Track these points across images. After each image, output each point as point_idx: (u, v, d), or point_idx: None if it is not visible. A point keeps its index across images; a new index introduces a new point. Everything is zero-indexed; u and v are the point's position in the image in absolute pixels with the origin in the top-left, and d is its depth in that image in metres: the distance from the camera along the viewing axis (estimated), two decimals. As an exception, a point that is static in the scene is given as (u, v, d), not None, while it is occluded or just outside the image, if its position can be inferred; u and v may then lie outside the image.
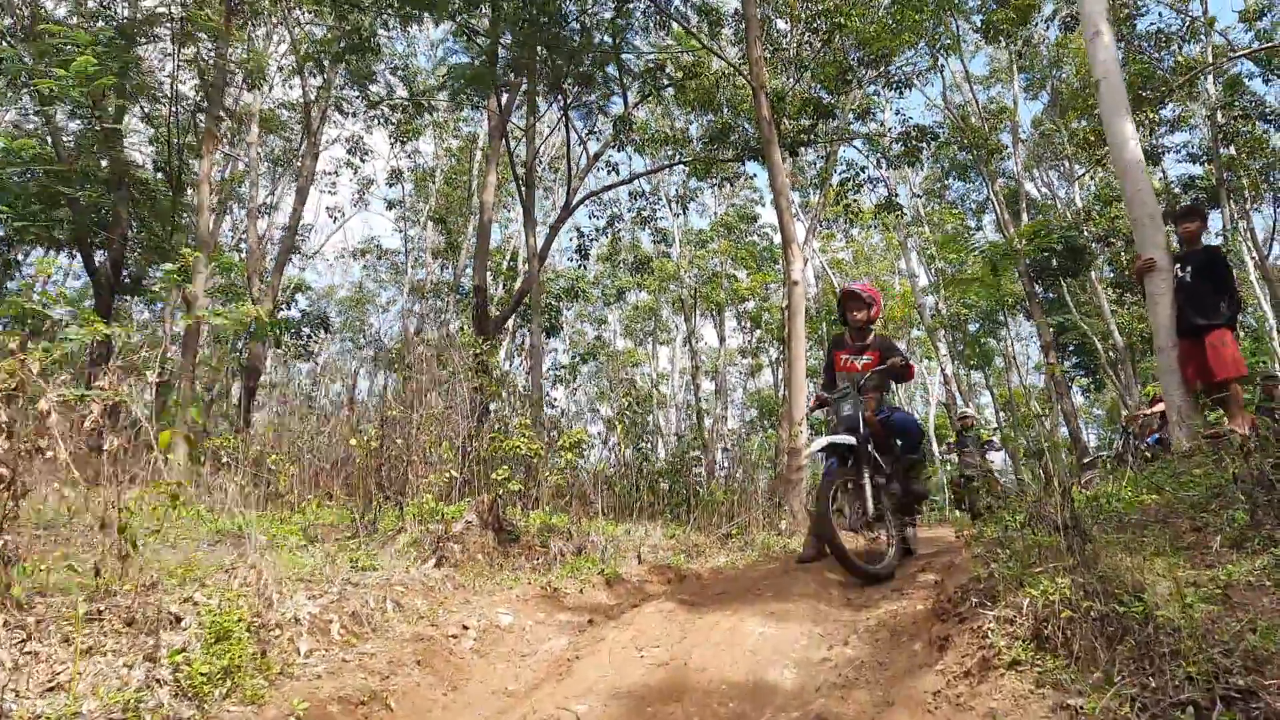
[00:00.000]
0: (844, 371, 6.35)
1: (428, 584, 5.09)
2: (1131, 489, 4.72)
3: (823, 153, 21.88)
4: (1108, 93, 6.51)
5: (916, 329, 33.94)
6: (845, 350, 6.47)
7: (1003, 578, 3.34)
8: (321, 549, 5.32)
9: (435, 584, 5.15)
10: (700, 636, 4.13)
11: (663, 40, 19.45)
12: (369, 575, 4.94)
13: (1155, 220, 6.31)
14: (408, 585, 4.95)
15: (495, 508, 7.30)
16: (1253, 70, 19.21)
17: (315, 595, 4.41)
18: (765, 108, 12.73)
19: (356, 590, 4.62)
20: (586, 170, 19.33)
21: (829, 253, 33.96)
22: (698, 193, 30.02)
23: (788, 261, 12.34)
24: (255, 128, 22.70)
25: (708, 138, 19.17)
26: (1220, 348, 5.93)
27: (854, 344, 6.44)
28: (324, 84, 20.69)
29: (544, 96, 18.33)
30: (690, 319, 32.22)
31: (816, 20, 17.48)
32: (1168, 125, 22.10)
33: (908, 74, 19.40)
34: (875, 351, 6.26)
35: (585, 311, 36.77)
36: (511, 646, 4.49)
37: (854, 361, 6.31)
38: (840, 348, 6.55)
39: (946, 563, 5.01)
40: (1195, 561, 3.30)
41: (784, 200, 12.36)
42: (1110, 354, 26.25)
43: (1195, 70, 17.31)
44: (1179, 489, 4.48)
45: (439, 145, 30.29)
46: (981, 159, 21.50)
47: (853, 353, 6.39)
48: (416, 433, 8.14)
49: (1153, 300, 6.25)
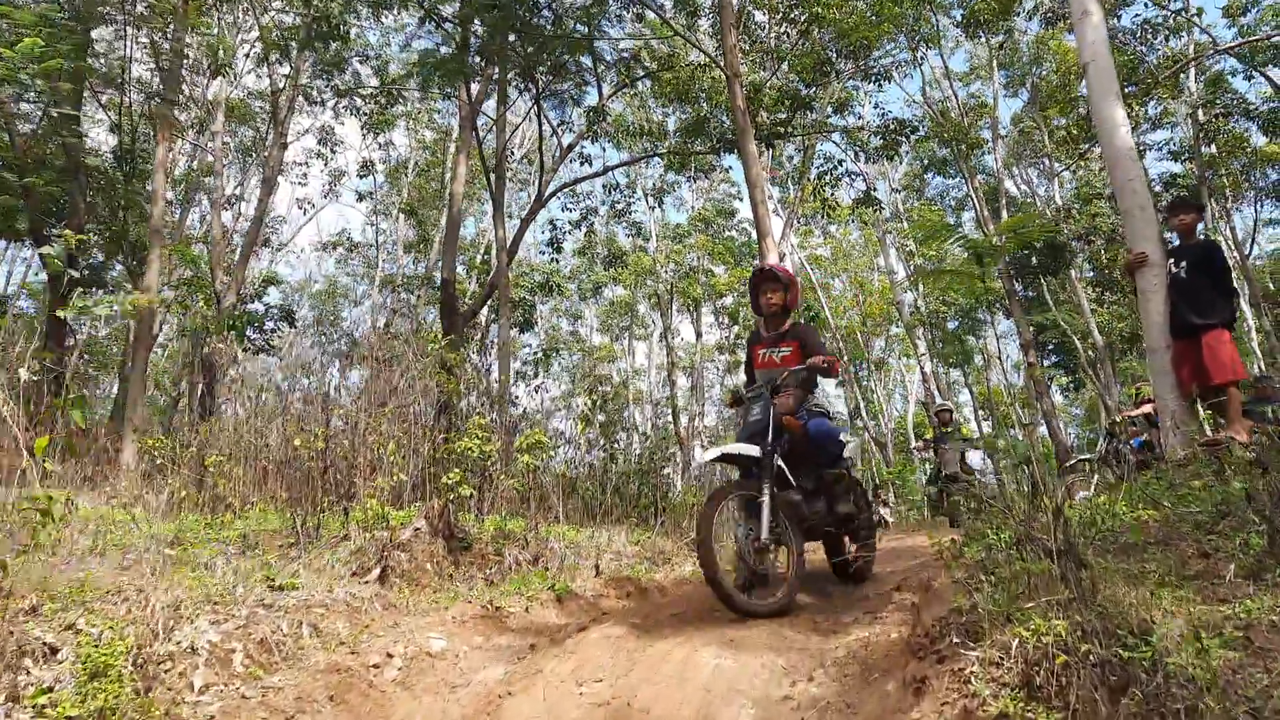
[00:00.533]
0: (763, 368, 5.54)
1: (353, 604, 4.61)
2: (1127, 503, 4.30)
3: (801, 147, 21.48)
4: (1096, 76, 6.10)
5: (895, 326, 33.67)
6: (762, 343, 5.68)
7: (987, 611, 2.91)
8: (232, 566, 4.83)
9: (362, 604, 4.67)
10: (649, 669, 3.68)
11: (639, 30, 19.00)
12: (287, 595, 4.45)
13: (1147, 212, 5.90)
14: (330, 606, 4.47)
15: (446, 514, 6.85)
16: (1236, 67, 18.97)
17: (220, 620, 3.93)
18: (740, 97, 12.32)
19: (269, 613, 4.14)
20: (559, 162, 18.84)
21: (808, 248, 33.64)
22: (675, 186, 29.66)
23: (762, 256, 11.93)
24: (221, 117, 22.05)
25: (684, 130, 18.76)
26: (1217, 349, 5.52)
27: (770, 334, 5.66)
28: (292, 72, 20.13)
29: (515, 85, 17.84)
30: (667, 314, 31.80)
31: (794, 11, 17.09)
32: (1149, 122, 21.85)
33: (887, 67, 19.05)
34: (794, 342, 5.48)
35: (561, 306, 36.30)
36: (441, 676, 4.03)
37: (772, 355, 5.53)
38: (757, 341, 5.76)
39: (924, 580, 4.58)
40: (1207, 595, 2.88)
41: (758, 192, 11.94)
42: (1090, 353, 26.04)
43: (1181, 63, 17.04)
44: (1178, 503, 4.08)
45: (412, 137, 29.76)
46: (961, 154, 21.18)
47: (769, 344, 5.60)
48: (365, 433, 7.66)
49: (1144, 297, 5.84)
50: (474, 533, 7.06)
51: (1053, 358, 29.73)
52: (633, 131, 21.33)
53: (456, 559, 6.75)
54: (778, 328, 5.61)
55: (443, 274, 16.70)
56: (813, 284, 31.43)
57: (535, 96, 17.17)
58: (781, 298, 5.57)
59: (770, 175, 22.64)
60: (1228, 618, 2.60)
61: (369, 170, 26.59)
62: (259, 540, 6.77)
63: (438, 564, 6.62)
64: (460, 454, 7.28)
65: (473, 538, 6.96)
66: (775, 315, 5.62)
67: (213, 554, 6.40)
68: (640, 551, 8.03)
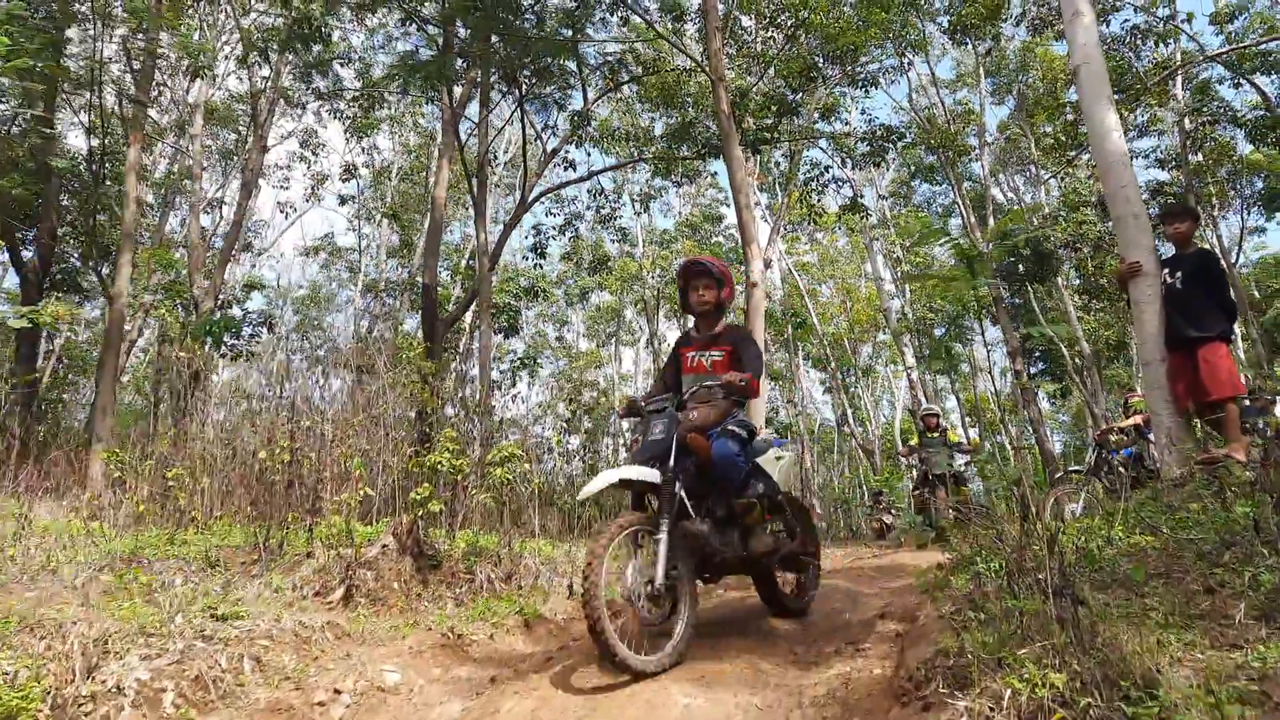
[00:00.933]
0: (692, 373, 4.89)
1: (302, 634, 4.33)
2: (1122, 526, 4.07)
3: (788, 153, 21.30)
4: (1088, 79, 5.87)
5: (883, 332, 33.52)
6: (691, 345, 5.00)
7: (976, 655, 2.66)
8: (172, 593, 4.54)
9: (312, 633, 4.39)
10: (614, 709, 3.43)
11: (624, 34, 18.78)
12: (229, 626, 4.17)
13: (1140, 220, 5.66)
14: (276, 637, 4.19)
15: (415, 530, 6.57)
16: (1223, 75, 18.89)
17: (152, 654, 3.66)
18: (724, 101, 12.12)
19: (209, 646, 3.87)
20: (543, 167, 18.61)
21: (795, 255, 33.49)
22: (662, 192, 29.42)
23: (746, 261, 11.71)
24: (200, 119, 21.75)
25: (669, 135, 18.55)
26: (1214, 362, 5.28)
27: (701, 335, 4.99)
28: (272, 74, 19.85)
29: (498, 89, 17.60)
30: (653, 320, 31.56)
31: (781, 16, 16.91)
32: (1136, 129, 21.75)
33: (873, 73, 18.88)
34: (727, 347, 4.83)
35: (547, 312, 36.03)
36: (393, 714, 3.77)
37: (701, 359, 4.88)
38: (686, 343, 5.08)
39: (909, 608, 4.34)
40: (1215, 638, 2.64)
41: (743, 197, 11.72)
42: (1076, 360, 25.92)
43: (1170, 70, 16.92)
44: (1178, 528, 3.84)
45: (396, 141, 29.50)
46: (948, 161, 21.04)
47: (700, 347, 4.93)
48: (332, 444, 7.38)
49: (1138, 308, 5.60)
50: (444, 550, 6.79)
51: (1039, 365, 29.60)
52: (619, 136, 21.13)
53: (425, 577, 6.49)
54: (710, 329, 4.97)
55: (424, 279, 16.43)
56: (800, 290, 31.27)
57: (518, 100, 16.93)
58: (715, 295, 4.91)
59: (757, 181, 22.44)
60: (1240, 666, 2.37)
61: (352, 174, 26.29)
62: (221, 557, 6.52)
63: (405, 583, 6.35)
64: (430, 468, 7.01)
65: (443, 555, 6.69)
66: (707, 314, 4.97)
67: (170, 572, 6.17)
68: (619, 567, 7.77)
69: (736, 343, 4.86)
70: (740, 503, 4.53)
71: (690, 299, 4.97)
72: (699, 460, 4.32)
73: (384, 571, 6.25)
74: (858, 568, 7.69)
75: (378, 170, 28.97)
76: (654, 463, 4.17)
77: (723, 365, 4.74)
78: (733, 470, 4.39)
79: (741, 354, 4.76)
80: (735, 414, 4.61)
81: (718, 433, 4.43)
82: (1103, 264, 21.72)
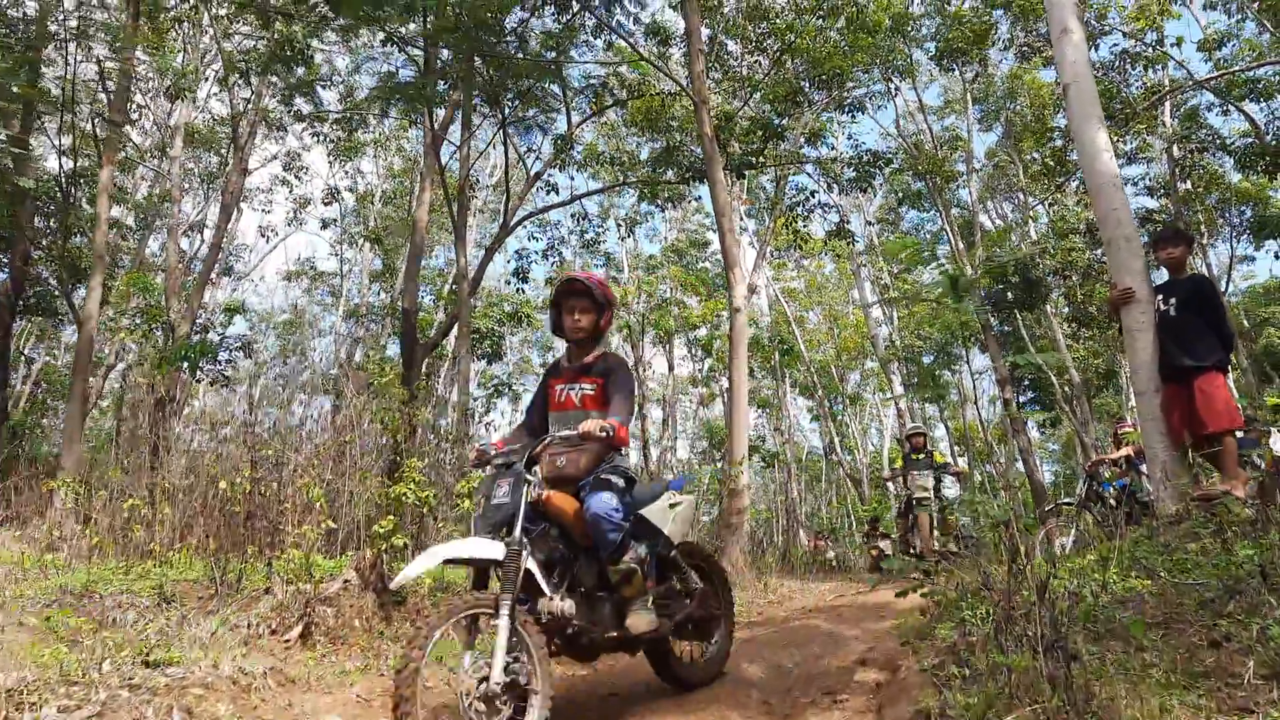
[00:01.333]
0: (560, 410, 4.19)
1: (240, 682, 4.03)
2: (1116, 568, 3.81)
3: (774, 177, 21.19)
4: (1077, 98, 5.67)
5: (870, 360, 33.37)
6: (561, 377, 4.29)
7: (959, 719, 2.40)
8: (98, 639, 4.24)
9: (252, 680, 4.08)
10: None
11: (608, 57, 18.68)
12: (160, 673, 3.87)
13: (1132, 243, 5.43)
14: (212, 684, 3.88)
15: (379, 564, 6.32)
16: (1212, 101, 18.86)
17: (72, 707, 3.36)
18: (707, 124, 11.96)
19: (135, 696, 3.57)
20: (526, 190, 18.43)
21: (782, 281, 33.39)
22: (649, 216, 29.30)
23: (730, 286, 11.50)
24: (179, 141, 21.53)
25: (654, 159, 18.43)
26: (1211, 393, 5.03)
27: (571, 365, 4.28)
28: (253, 96, 19.65)
29: (480, 112, 17.45)
30: (639, 346, 31.36)
31: (766, 40, 16.83)
32: (1125, 157, 21.73)
33: (860, 98, 18.81)
34: (598, 379, 4.12)
35: (531, 337, 35.78)
36: (331, 773, 3.47)
37: (570, 393, 4.17)
38: (555, 374, 4.38)
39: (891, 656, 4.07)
40: (1222, 700, 2.39)
41: (726, 221, 11.54)
42: (1066, 389, 25.78)
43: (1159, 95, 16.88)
44: (1176, 571, 3.59)
45: (380, 165, 29.33)
46: (936, 187, 20.95)
47: (569, 379, 4.23)
48: (295, 474, 7.10)
49: (1131, 336, 5.36)
50: (410, 585, 6.50)
51: (1029, 394, 29.47)
52: (604, 160, 21.01)
53: (389, 614, 6.23)
54: (581, 357, 4.25)
55: (403, 303, 16.18)
56: (787, 317, 31.13)
57: (501, 123, 16.78)
58: (592, 320, 4.19)
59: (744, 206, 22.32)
60: (1254, 737, 2.12)
61: (334, 197, 26.06)
62: (177, 592, 6.25)
63: (367, 620, 6.09)
64: (396, 499, 6.74)
65: (408, 590, 6.43)
66: (581, 341, 4.25)
67: (151, 599, 5.91)
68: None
69: (608, 374, 4.13)
70: (616, 570, 3.77)
71: (564, 323, 4.24)
72: (563, 522, 3.74)
73: (345, 608, 6.00)
74: (841, 605, 7.42)
75: (361, 194, 28.79)
76: (497, 532, 3.46)
77: (594, 400, 4.09)
78: (605, 531, 3.68)
79: (610, 390, 4.04)
80: (611, 458, 3.98)
81: (590, 484, 3.81)
82: (1092, 292, 21.62)
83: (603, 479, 3.82)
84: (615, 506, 3.71)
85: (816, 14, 16.16)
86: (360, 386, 8.87)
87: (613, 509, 3.69)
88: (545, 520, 3.72)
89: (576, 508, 3.74)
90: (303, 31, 15.80)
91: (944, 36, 17.99)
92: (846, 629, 5.70)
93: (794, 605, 8.26)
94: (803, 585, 10.77)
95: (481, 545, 3.39)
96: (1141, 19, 17.32)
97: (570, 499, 3.77)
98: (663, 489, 4.28)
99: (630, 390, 4.07)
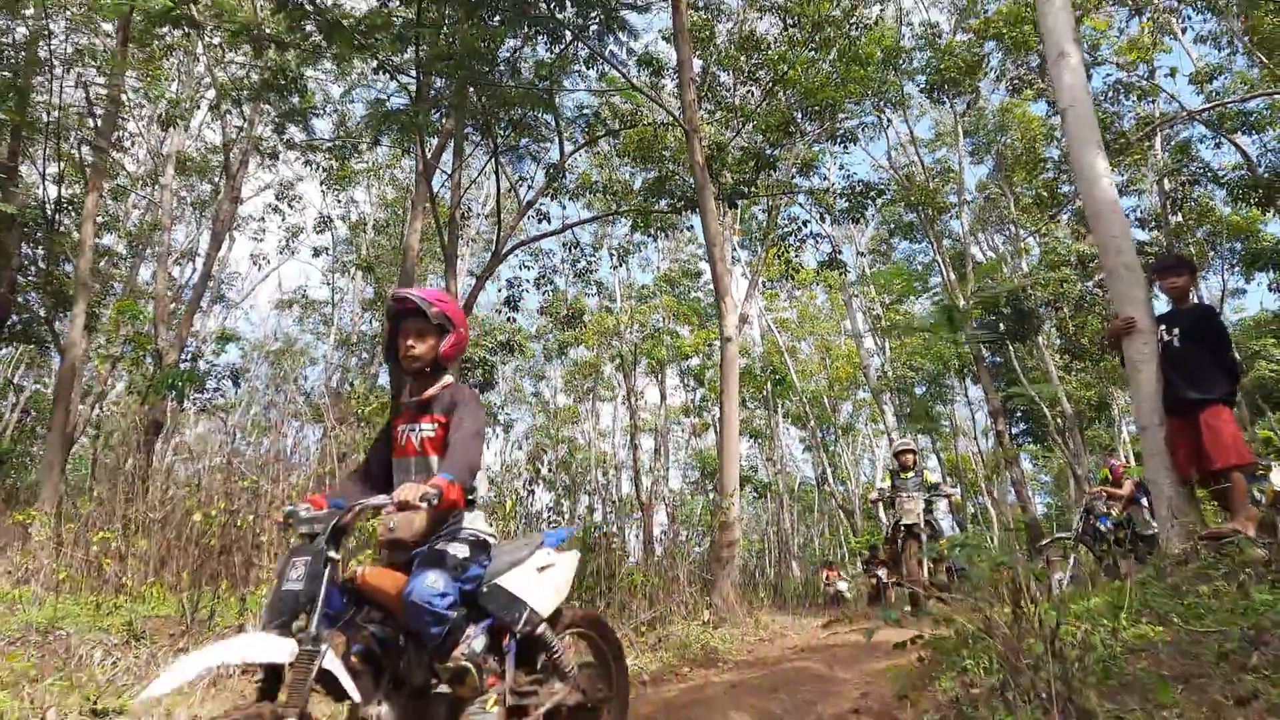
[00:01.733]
0: (401, 457, 3.44)
1: (198, 732, 3.81)
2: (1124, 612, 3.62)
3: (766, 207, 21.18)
4: (1075, 122, 5.55)
5: (862, 390, 33.27)
6: (402, 416, 3.52)
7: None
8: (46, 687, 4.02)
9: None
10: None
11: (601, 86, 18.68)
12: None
13: (1134, 271, 5.28)
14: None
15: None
16: (1204, 134, 18.91)
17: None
18: (699, 152, 11.87)
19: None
20: (517, 219, 18.33)
21: (774, 311, 33.35)
22: (641, 246, 29.31)
23: (721, 316, 11.34)
24: (171, 169, 21.44)
25: (646, 188, 18.40)
26: (1217, 427, 4.85)
27: (412, 401, 3.47)
28: (245, 124, 19.58)
29: (472, 140, 17.38)
30: (630, 375, 31.21)
31: (759, 71, 16.85)
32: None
33: (852, 129, 18.84)
34: (443, 418, 3.38)
35: (524, 367, 35.63)
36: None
37: (411, 436, 3.42)
38: (397, 414, 3.58)
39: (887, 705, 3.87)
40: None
41: (718, 250, 11.41)
42: (1058, 421, 25.70)
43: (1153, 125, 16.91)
44: (1189, 617, 3.40)
45: (373, 194, 29.32)
46: (928, 219, 20.95)
47: (409, 419, 3.46)
48: (268, 507, 6.89)
49: (1133, 368, 5.19)
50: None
51: (1021, 425, 29.40)
52: (596, 189, 20.98)
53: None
54: (422, 391, 3.46)
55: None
56: (779, 347, 31.06)
57: (493, 151, 16.70)
58: (429, 345, 3.39)
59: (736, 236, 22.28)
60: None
61: (326, 225, 26.00)
62: (148, 629, 6.02)
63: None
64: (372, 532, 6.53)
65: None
66: (419, 372, 3.44)
67: (90, 646, 5.68)
68: (579, 644, 7.25)
69: (452, 409, 3.36)
70: (448, 668, 3.00)
71: (399, 346, 3.44)
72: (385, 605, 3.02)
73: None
74: (834, 645, 7.19)
75: (354, 223, 28.76)
76: (288, 626, 2.68)
77: (435, 444, 3.36)
78: (426, 624, 2.93)
79: (452, 431, 3.28)
80: (453, 520, 3.25)
81: (419, 558, 3.09)
82: (1084, 323, 21.60)
83: (435, 551, 3.09)
84: (440, 591, 2.95)
85: (809, 46, 16.20)
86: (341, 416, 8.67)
87: (436, 594, 2.92)
88: (365, 603, 3.01)
89: (402, 584, 2.99)
90: (295, 61, 15.75)
91: (935, 68, 18.04)
92: (840, 671, 5.49)
93: (786, 643, 8.04)
94: (795, 620, 10.53)
95: (263, 644, 2.62)
96: (1133, 52, 17.39)
97: (393, 575, 3.06)
98: (534, 547, 3.56)
99: (475, 432, 3.26)
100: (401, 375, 3.58)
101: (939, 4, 23.86)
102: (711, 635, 7.90)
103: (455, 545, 3.13)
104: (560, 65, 15.51)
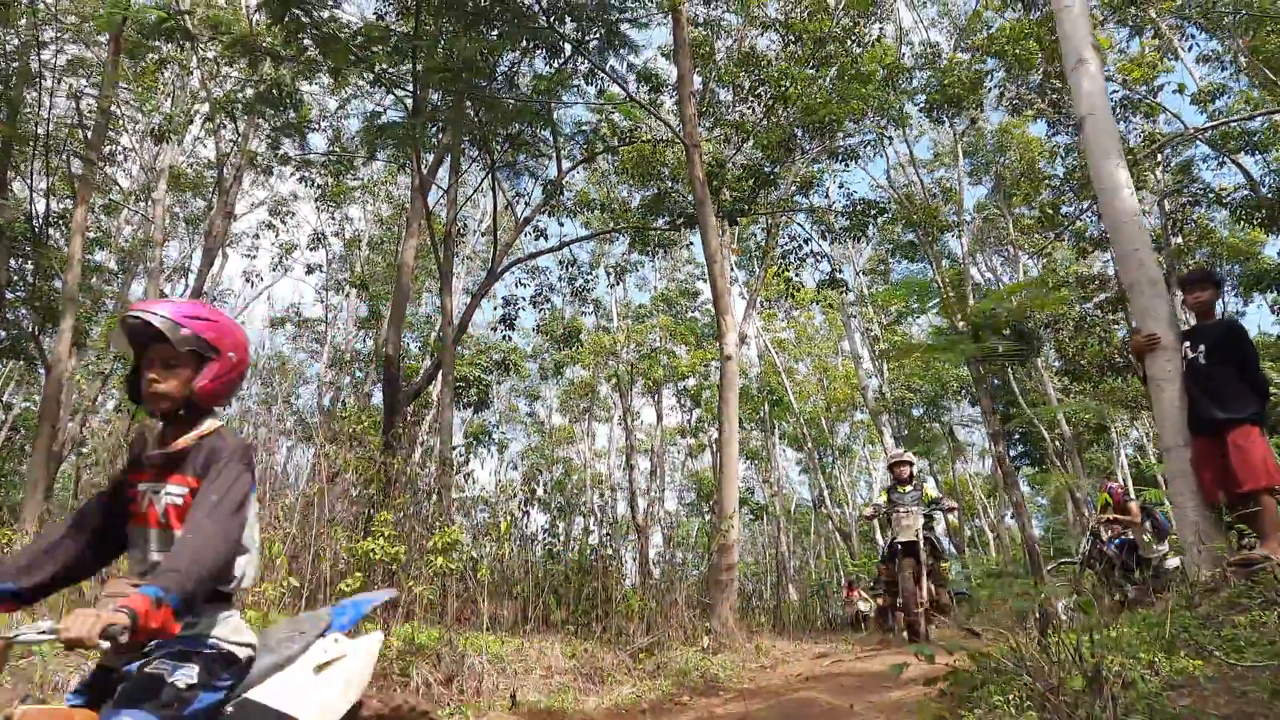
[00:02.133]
0: (138, 526, 2.45)
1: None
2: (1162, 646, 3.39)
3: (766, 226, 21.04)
4: (1095, 131, 5.35)
5: (860, 411, 33.05)
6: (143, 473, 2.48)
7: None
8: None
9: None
10: None
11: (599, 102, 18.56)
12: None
13: (1157, 286, 5.07)
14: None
15: (345, 625, 5.81)
16: (1206, 153, 18.82)
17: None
18: (699, 167, 11.73)
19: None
20: (514, 236, 18.14)
21: (771, 331, 33.19)
22: (638, 265, 29.13)
23: (720, 334, 11.15)
24: (163, 184, 21.25)
25: (645, 206, 18.26)
26: (1246, 448, 4.61)
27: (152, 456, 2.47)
28: (238, 138, 19.40)
29: (468, 155, 17.23)
30: (627, 395, 30.96)
31: (759, 88, 16.73)
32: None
33: (853, 147, 18.71)
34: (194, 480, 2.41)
35: (520, 386, 35.39)
36: None
37: (151, 500, 2.43)
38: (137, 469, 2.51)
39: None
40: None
41: (717, 266, 11.25)
42: (1057, 443, 25.50)
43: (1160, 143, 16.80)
44: (1230, 650, 3.18)
45: (368, 211, 29.17)
46: (928, 238, 20.80)
47: (152, 477, 2.45)
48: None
49: (1157, 387, 4.96)
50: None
51: (1019, 447, 29.21)
52: (594, 206, 20.84)
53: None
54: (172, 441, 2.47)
55: (386, 348, 15.77)
56: (777, 368, 30.88)
57: (490, 167, 16.54)
58: (179, 380, 2.44)
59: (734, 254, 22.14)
60: None
61: (320, 242, 25.79)
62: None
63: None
64: (364, 555, 6.28)
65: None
66: (168, 415, 2.48)
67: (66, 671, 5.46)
68: (576, 666, 7.02)
69: (205, 462, 2.41)
70: None
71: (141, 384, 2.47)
72: None
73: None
74: (839, 674, 6.93)
75: (348, 240, 28.57)
76: None
77: (183, 515, 2.37)
78: None
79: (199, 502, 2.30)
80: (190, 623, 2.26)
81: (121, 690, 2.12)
82: (1084, 345, 21.44)
83: (144, 678, 2.14)
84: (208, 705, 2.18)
85: (809, 63, 16.10)
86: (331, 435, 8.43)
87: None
88: None
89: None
90: (290, 75, 15.59)
91: (936, 86, 17.92)
92: (847, 702, 5.24)
93: (788, 670, 7.80)
94: (795, 646, 10.29)
95: None
96: (1136, 71, 17.31)
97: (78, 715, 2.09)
98: (311, 638, 2.63)
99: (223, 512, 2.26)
100: None
101: (939, 25, 23.88)
102: (711, 662, 7.66)
103: (180, 668, 2.18)
104: (559, 80, 15.38)
